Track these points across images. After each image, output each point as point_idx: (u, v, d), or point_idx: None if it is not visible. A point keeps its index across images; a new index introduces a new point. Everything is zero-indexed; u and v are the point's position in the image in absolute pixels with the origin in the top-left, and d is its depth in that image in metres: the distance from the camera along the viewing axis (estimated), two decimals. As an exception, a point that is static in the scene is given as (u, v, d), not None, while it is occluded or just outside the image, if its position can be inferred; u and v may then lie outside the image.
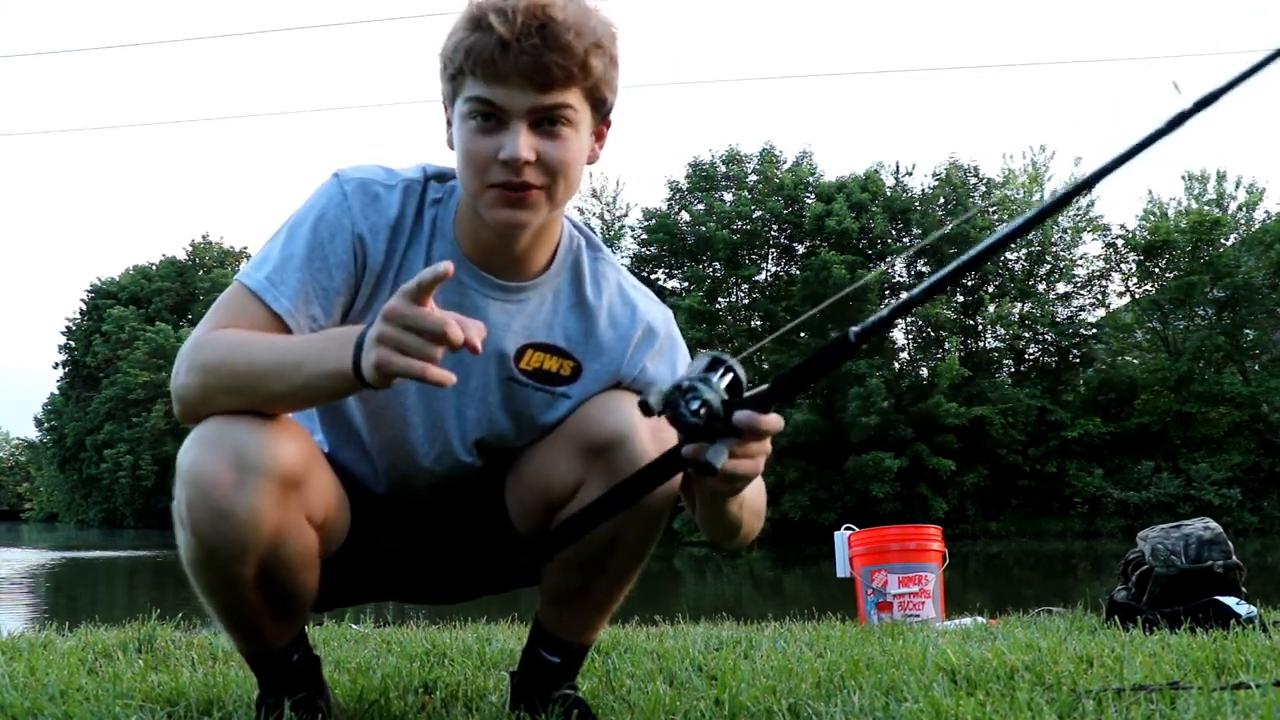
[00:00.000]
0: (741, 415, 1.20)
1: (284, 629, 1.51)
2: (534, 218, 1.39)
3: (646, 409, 1.19)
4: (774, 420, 1.22)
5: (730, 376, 1.21)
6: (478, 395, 1.52)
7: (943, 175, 31.97)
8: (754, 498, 1.46)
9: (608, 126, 1.45)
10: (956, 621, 4.20)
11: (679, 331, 1.64)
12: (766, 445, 1.26)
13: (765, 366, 31.30)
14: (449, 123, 1.41)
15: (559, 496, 1.52)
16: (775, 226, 32.11)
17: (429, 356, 1.17)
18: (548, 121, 1.34)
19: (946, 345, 30.82)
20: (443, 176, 1.50)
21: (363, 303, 1.46)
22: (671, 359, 1.60)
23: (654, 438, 1.46)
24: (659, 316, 1.59)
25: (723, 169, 33.12)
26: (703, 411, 1.18)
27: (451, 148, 1.41)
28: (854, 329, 1.21)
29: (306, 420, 1.56)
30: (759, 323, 32.30)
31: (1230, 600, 3.11)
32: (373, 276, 1.45)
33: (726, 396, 1.20)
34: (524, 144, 1.32)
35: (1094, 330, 31.75)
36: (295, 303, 1.39)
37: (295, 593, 1.45)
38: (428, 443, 1.54)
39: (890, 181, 32.25)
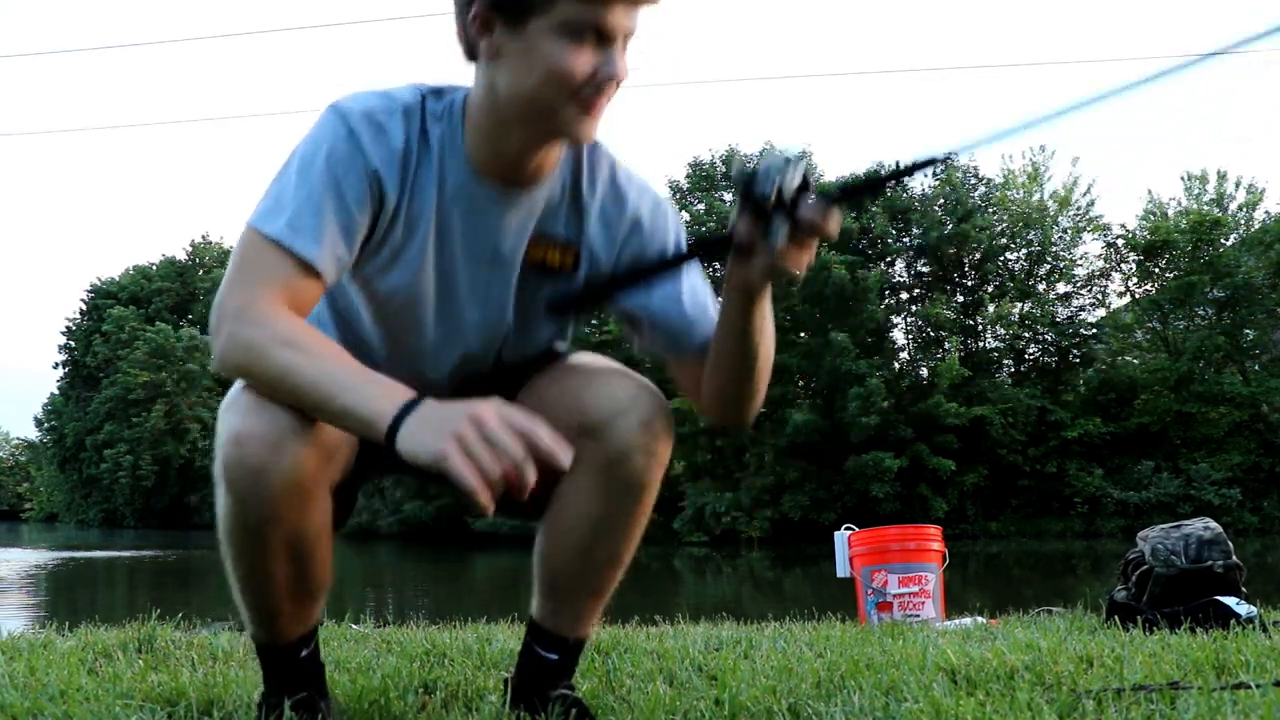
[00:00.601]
0: (809, 206, 1.26)
1: (300, 614, 1.52)
2: None
3: (731, 180, 1.27)
4: (835, 220, 1.27)
5: (803, 171, 1.27)
6: (496, 301, 1.53)
7: (943, 175, 31.95)
8: (769, 342, 1.49)
9: None
10: (956, 621, 4.20)
11: (675, 215, 1.63)
12: (814, 249, 1.33)
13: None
14: (485, 29, 1.36)
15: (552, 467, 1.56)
16: (775, 226, 32.10)
17: (491, 479, 1.13)
18: (624, 40, 1.37)
19: (946, 345, 30.82)
20: (439, 92, 1.48)
21: (380, 234, 1.45)
22: (662, 242, 1.58)
23: (643, 421, 1.49)
24: (647, 206, 1.58)
25: (723, 169, 33.13)
26: (775, 192, 1.25)
27: (492, 59, 1.37)
28: (951, 149, 1.27)
29: (320, 326, 1.55)
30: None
31: (1230, 600, 3.11)
32: (389, 209, 1.44)
33: (798, 184, 1.26)
34: (624, 64, 1.36)
35: (1094, 330, 31.73)
36: (321, 247, 1.36)
37: (315, 568, 1.47)
38: (442, 342, 1.55)
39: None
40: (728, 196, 32.81)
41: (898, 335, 32.24)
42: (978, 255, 31.46)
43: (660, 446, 1.51)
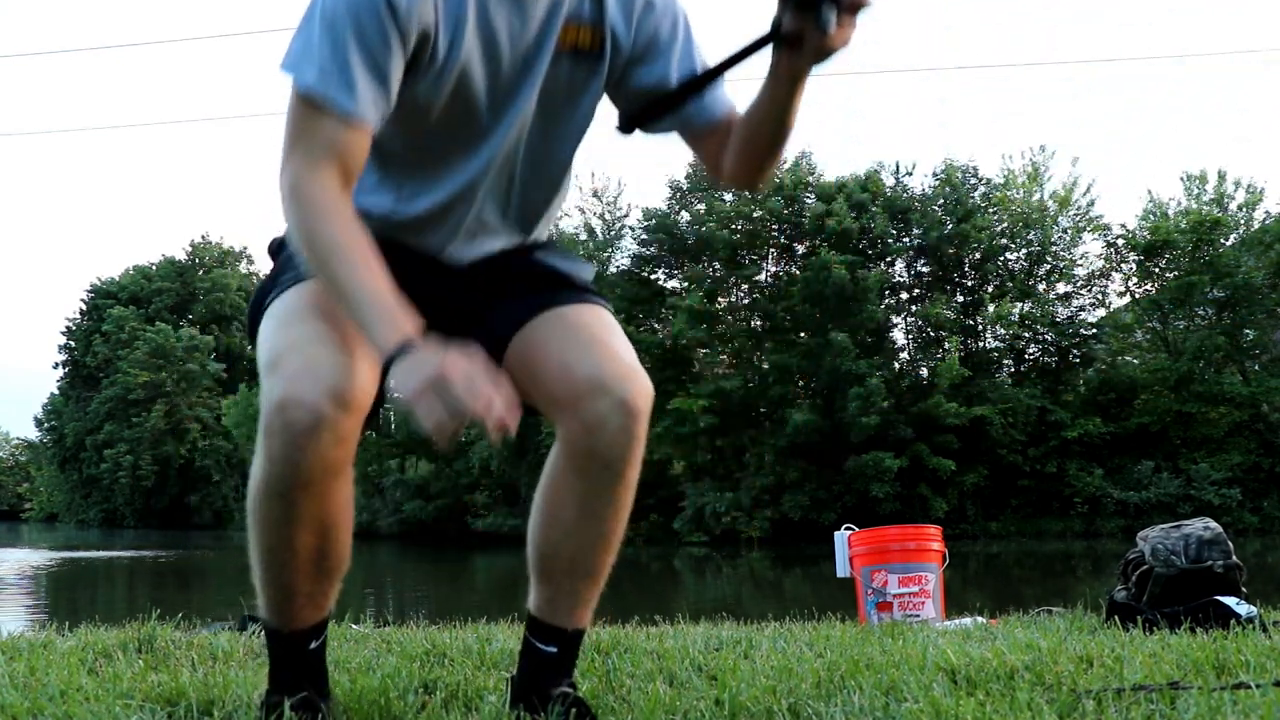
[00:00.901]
0: None
1: (316, 596, 1.53)
2: None
3: None
4: None
5: None
6: (531, 89, 1.57)
7: (942, 175, 31.96)
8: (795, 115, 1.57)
9: None
10: (956, 621, 4.20)
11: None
12: (857, 21, 1.40)
13: (765, 367, 31.34)
14: None
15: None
16: (775, 226, 32.11)
17: (446, 428, 1.26)
18: None
19: (946, 345, 30.80)
20: None
21: (424, 61, 1.49)
22: (673, 20, 1.65)
23: (620, 401, 1.52)
24: None
25: (723, 169, 33.05)
26: None
27: None
28: None
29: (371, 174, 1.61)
30: (759, 323, 32.28)
31: (1230, 600, 3.11)
32: (430, 35, 1.47)
33: None
34: None
35: (1094, 330, 31.72)
36: (358, 99, 1.42)
37: (336, 543, 1.49)
38: (478, 144, 1.58)
39: (890, 181, 32.25)
40: (729, 196, 32.82)
41: (898, 335, 32.25)
42: (978, 255, 31.44)
43: (636, 426, 1.55)
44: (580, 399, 1.53)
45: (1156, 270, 30.61)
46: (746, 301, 32.72)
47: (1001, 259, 31.65)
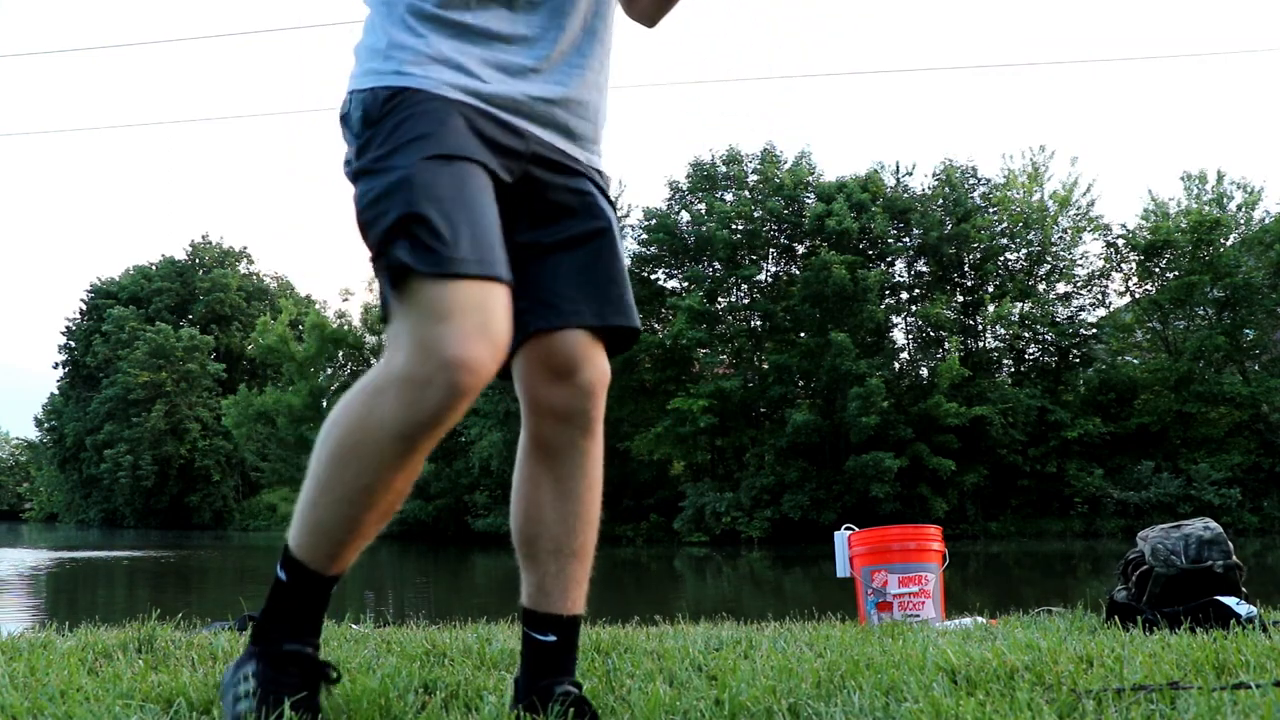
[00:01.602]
0: None
1: (365, 538, 1.53)
2: None
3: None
4: None
5: None
6: None
7: (942, 175, 31.97)
8: None
9: None
10: (956, 621, 4.20)
11: None
12: None
13: (765, 367, 31.35)
14: None
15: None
16: (775, 226, 32.13)
17: None
18: None
19: (946, 345, 30.82)
20: None
21: None
22: None
23: (578, 388, 1.60)
24: None
25: (723, 169, 33.12)
26: None
27: None
28: None
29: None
30: (759, 323, 32.29)
31: (1230, 600, 3.11)
32: None
33: None
34: None
35: (1094, 330, 31.74)
36: None
37: (407, 489, 1.51)
38: None
39: (890, 181, 32.25)
40: (729, 196, 32.82)
41: (898, 335, 32.27)
42: (978, 255, 31.46)
43: (594, 409, 1.63)
44: (545, 385, 1.61)
45: (1156, 270, 30.63)
46: (746, 301, 32.72)
47: (1001, 259, 31.66)
